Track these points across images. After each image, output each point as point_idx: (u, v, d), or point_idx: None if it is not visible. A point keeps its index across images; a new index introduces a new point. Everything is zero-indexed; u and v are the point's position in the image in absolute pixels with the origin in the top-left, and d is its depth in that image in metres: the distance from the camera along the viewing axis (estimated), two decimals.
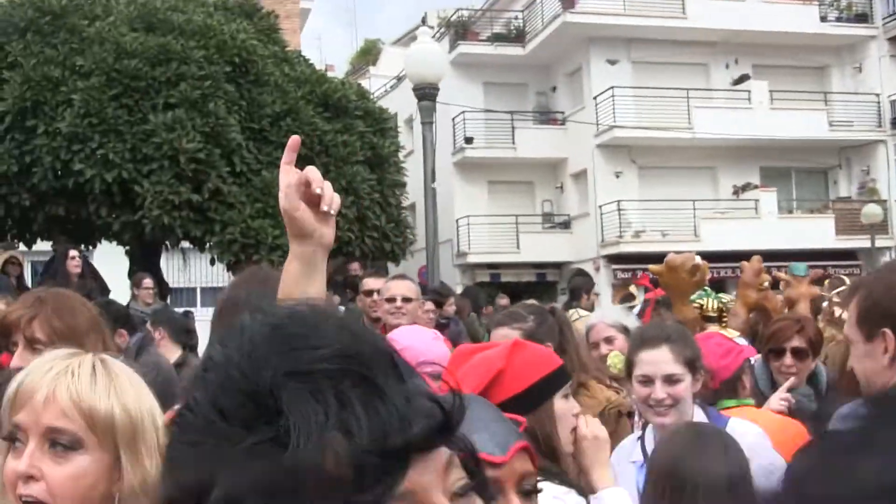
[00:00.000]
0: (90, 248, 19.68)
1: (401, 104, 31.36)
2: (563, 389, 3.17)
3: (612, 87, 34.15)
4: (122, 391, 2.17)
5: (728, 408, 4.81)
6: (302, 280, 2.58)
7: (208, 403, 1.11)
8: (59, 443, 2.08)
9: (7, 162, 17.50)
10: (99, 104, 17.06)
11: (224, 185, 17.44)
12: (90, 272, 15.55)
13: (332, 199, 2.51)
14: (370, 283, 9.56)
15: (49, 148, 17.24)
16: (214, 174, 17.30)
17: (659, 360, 4.31)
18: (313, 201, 2.50)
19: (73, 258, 14.83)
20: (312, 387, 1.09)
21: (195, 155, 17.01)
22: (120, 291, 16.19)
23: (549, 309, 5.24)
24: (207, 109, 17.44)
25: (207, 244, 18.14)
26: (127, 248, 19.83)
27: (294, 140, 2.59)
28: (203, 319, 14.93)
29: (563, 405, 3.19)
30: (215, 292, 34.18)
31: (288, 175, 2.52)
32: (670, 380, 4.28)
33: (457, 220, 34.41)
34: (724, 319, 7.09)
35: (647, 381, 4.30)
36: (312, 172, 2.50)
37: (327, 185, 2.51)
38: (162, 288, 15.14)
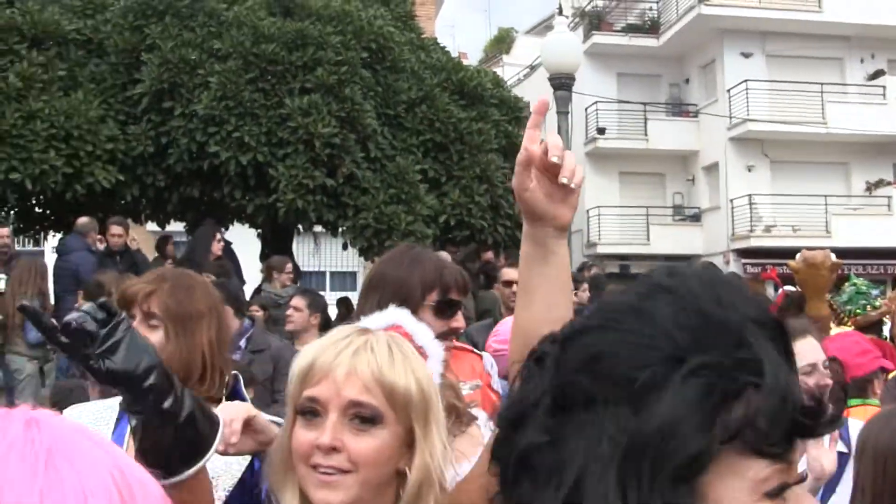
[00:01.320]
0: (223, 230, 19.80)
1: (533, 93, 31.13)
2: None
3: (745, 81, 33.70)
4: (416, 368, 2.27)
5: (852, 406, 4.79)
6: (535, 264, 2.34)
7: (668, 318, 1.21)
8: (360, 416, 2.17)
9: (143, 143, 17.67)
10: (235, 87, 17.10)
11: (358, 170, 17.35)
12: (228, 254, 15.64)
13: (572, 171, 2.25)
14: (510, 273, 9.48)
15: (185, 130, 17.36)
16: (349, 159, 17.21)
17: (809, 349, 4.27)
18: (553, 171, 2.24)
19: (220, 240, 14.95)
20: (768, 335, 1.21)
21: (330, 140, 16.95)
22: (250, 274, 16.29)
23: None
24: (343, 95, 17.37)
25: (340, 229, 18.09)
26: (258, 231, 19.94)
27: (542, 103, 2.43)
28: (332, 303, 14.91)
29: None
30: (345, 277, 34.57)
31: (532, 140, 2.26)
32: (820, 368, 4.29)
33: (587, 211, 34.22)
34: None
35: (806, 371, 4.21)
36: (553, 139, 2.25)
37: (569, 155, 2.25)
38: (295, 272, 15.10)
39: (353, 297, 30.12)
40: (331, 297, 19.13)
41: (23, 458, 0.91)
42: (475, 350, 4.38)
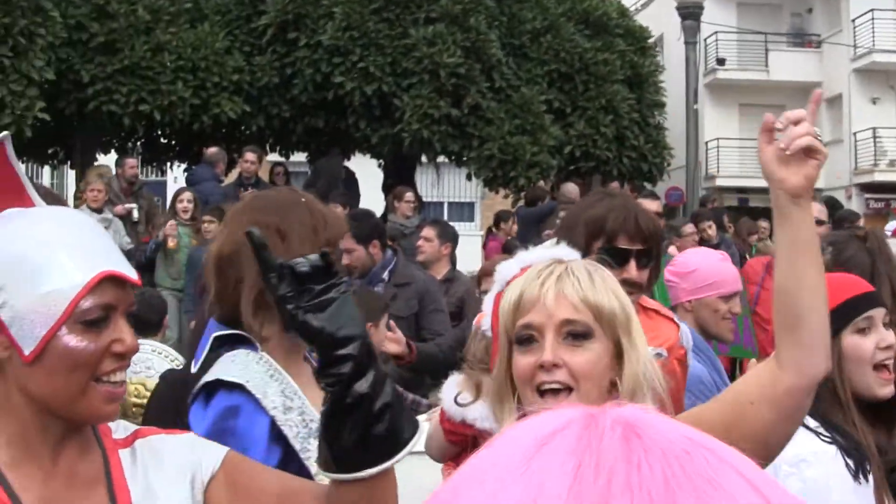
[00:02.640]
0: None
1: (651, 23, 30.69)
2: (857, 323, 3.01)
3: (871, 10, 32.65)
4: (615, 288, 2.40)
5: None
6: (777, 226, 2.47)
7: None
8: (573, 333, 2.32)
9: (268, 74, 17.73)
10: (360, 17, 17.07)
11: (483, 100, 17.24)
12: (350, 184, 15.68)
13: (792, 138, 2.36)
14: (647, 204, 9.27)
15: (310, 60, 17.39)
16: (474, 89, 17.10)
17: None
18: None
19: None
20: None
21: (455, 70, 16.85)
22: (371, 205, 16.27)
23: (861, 234, 4.72)
24: (468, 24, 17.25)
25: (464, 159, 18.01)
26: (380, 161, 19.96)
27: (816, 94, 2.64)
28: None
29: (856, 341, 2.99)
30: (462, 207, 34.60)
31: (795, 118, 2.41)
32: None
33: (706, 143, 33.67)
34: None
35: None
36: (796, 113, 2.41)
37: (798, 126, 2.38)
38: (418, 202, 15.09)
39: (470, 227, 30.28)
40: None
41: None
42: (674, 318, 4.00)
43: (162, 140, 19.87)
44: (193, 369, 2.80)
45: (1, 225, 1.93)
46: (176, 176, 24.66)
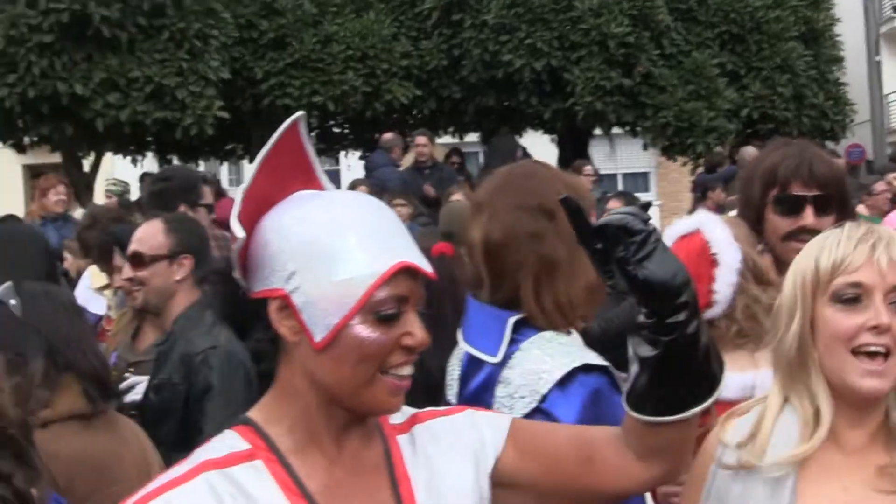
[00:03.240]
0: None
1: None
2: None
3: None
4: None
5: None
6: None
7: None
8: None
9: (436, 56, 17.91)
10: None
11: (655, 68, 17.03)
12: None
13: None
14: None
15: (477, 40, 17.44)
16: (644, 57, 16.89)
17: None
18: None
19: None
20: None
21: (624, 39, 16.68)
22: None
23: None
24: None
25: (639, 129, 17.82)
26: (553, 136, 19.90)
27: None
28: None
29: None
30: (636, 178, 34.30)
31: None
32: None
33: (885, 96, 32.48)
34: None
35: None
36: None
37: None
38: (597, 175, 15.01)
39: (646, 198, 29.82)
40: None
41: None
42: None
43: (335, 129, 20.22)
44: (496, 357, 2.73)
45: (294, 207, 1.91)
46: (350, 164, 25.01)
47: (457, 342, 5.04)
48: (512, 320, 2.69)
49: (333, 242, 1.84)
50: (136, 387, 4.81)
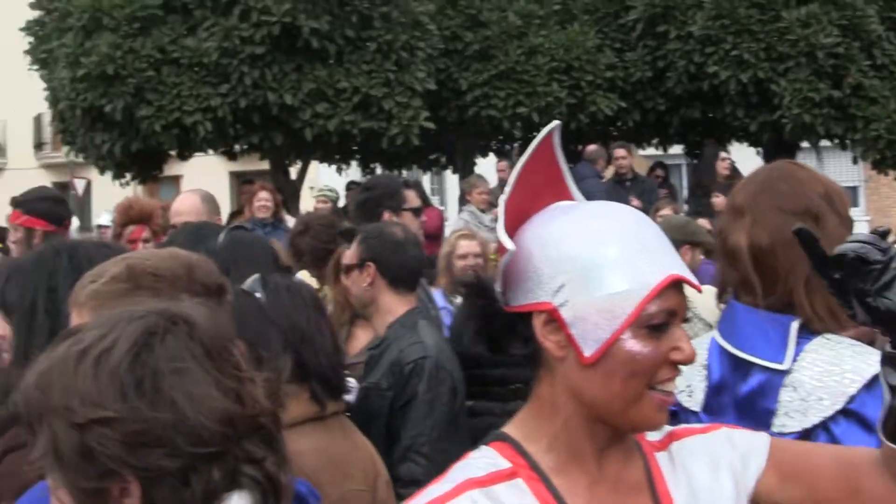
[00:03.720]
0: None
1: None
2: None
3: None
4: None
5: None
6: None
7: None
8: None
9: (641, 68, 17.85)
10: (730, 4, 16.83)
11: (866, 79, 16.62)
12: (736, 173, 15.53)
13: None
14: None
15: (682, 52, 17.32)
16: (854, 68, 16.52)
17: None
18: None
19: (724, 160, 14.89)
20: None
21: (833, 49, 16.34)
22: None
23: None
24: (844, 2, 16.71)
25: (848, 142, 17.42)
26: (758, 149, 19.60)
27: None
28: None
29: None
30: (848, 192, 33.25)
31: None
32: None
33: None
34: None
35: None
36: None
37: None
38: None
39: (854, 212, 28.96)
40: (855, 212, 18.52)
41: None
42: None
43: None
44: (785, 365, 2.66)
45: (557, 219, 1.89)
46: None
47: None
48: (795, 325, 2.67)
49: (603, 254, 1.81)
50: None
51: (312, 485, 2.34)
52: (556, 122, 2.03)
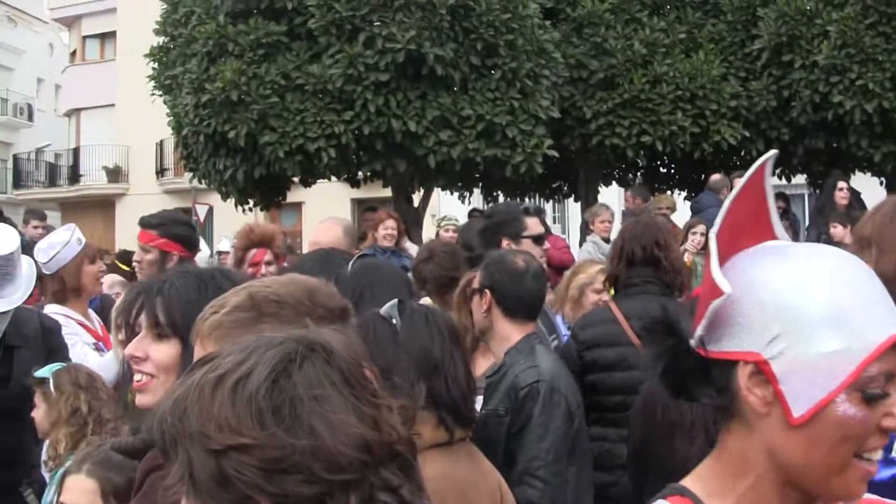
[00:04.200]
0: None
1: None
2: None
3: None
4: None
5: None
6: None
7: None
8: None
9: (765, 98, 17.77)
10: (856, 34, 16.64)
11: None
12: (858, 203, 15.30)
13: None
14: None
15: (807, 81, 17.17)
16: None
17: None
18: None
19: (842, 189, 14.68)
20: None
21: None
22: None
23: None
24: None
25: None
26: (882, 179, 19.35)
27: None
28: None
29: None
30: None
31: None
32: None
33: None
34: None
35: None
36: None
37: None
38: None
39: None
40: None
41: None
42: None
43: (661, 169, 20.24)
44: None
45: (766, 261, 1.79)
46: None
47: None
48: None
49: (822, 306, 1.68)
50: None
51: None
52: (772, 152, 1.93)
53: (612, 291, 6.55)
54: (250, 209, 18.42)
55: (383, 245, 12.44)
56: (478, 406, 5.08)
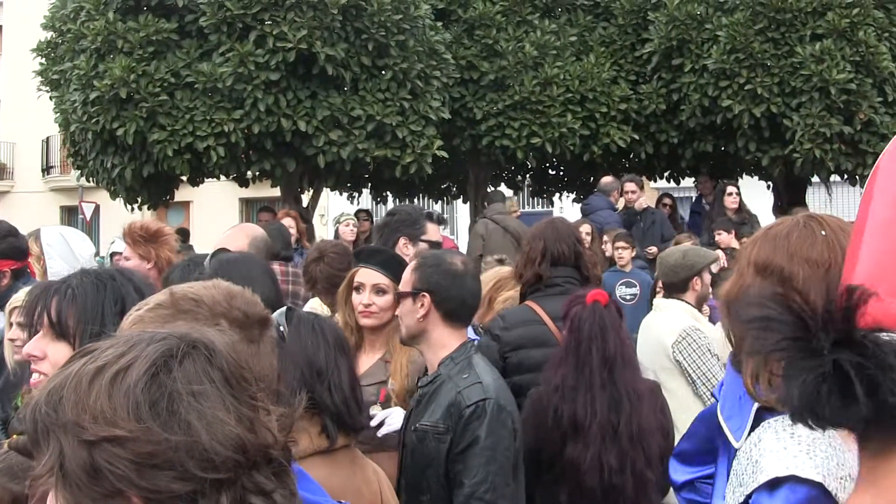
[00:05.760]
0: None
1: None
2: None
3: None
4: None
5: None
6: None
7: None
8: None
9: (655, 101, 17.91)
10: (745, 39, 16.84)
11: (877, 115, 16.63)
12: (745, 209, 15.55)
13: None
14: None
15: (696, 85, 17.36)
16: (866, 104, 16.53)
17: None
18: None
19: (731, 194, 14.91)
20: None
21: (846, 86, 16.33)
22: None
23: None
24: (857, 38, 16.70)
25: (858, 177, 17.43)
26: (768, 183, 19.64)
27: None
28: None
29: None
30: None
31: None
32: None
33: None
34: None
35: None
36: None
37: None
38: None
39: None
40: None
41: None
42: None
43: (550, 171, 20.37)
44: (737, 442, 2.59)
45: None
46: (562, 206, 25.12)
47: (600, 387, 5.05)
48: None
49: None
50: (391, 417, 4.96)
51: None
52: None
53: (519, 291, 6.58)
54: (138, 208, 18.22)
55: None
56: (381, 412, 5.05)
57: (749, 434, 2.53)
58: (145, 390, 1.57)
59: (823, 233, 2.73)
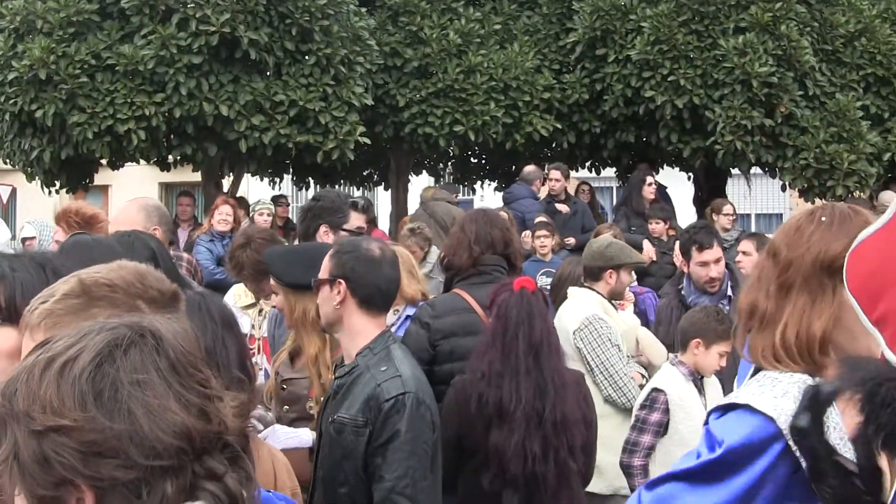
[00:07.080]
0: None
1: None
2: None
3: None
4: None
5: None
6: None
7: None
8: None
9: (578, 90, 17.93)
10: (668, 30, 16.94)
11: (797, 108, 16.84)
12: (663, 198, 15.66)
13: None
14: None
15: (619, 75, 17.44)
16: (787, 98, 16.71)
17: None
18: None
19: (650, 184, 15.01)
20: None
21: (767, 79, 16.49)
22: (684, 218, 16.24)
23: None
24: (779, 32, 16.86)
25: (778, 169, 17.62)
26: (689, 174, 19.81)
27: None
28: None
29: None
30: (772, 219, 33.94)
31: None
32: None
33: None
34: None
35: None
36: None
37: None
38: (735, 215, 14.94)
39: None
40: None
41: None
42: None
43: (472, 160, 20.38)
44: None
45: None
46: (483, 195, 25.18)
47: (526, 373, 5.10)
48: None
49: None
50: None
51: None
52: None
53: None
54: (56, 191, 17.95)
55: (219, 230, 12.43)
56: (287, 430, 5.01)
57: None
58: (89, 380, 1.61)
59: None
